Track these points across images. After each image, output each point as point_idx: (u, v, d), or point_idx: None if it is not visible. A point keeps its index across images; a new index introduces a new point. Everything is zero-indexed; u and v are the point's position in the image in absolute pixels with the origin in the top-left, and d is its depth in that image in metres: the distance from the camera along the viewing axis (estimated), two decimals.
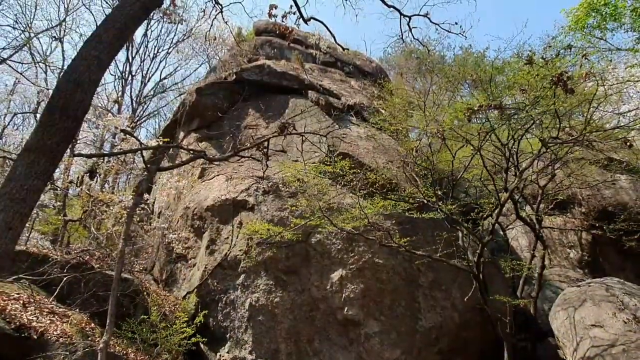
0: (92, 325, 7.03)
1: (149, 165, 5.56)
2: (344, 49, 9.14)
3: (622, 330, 9.36)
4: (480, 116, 9.09)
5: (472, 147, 10.01)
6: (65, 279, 7.44)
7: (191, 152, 6.86)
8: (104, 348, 4.35)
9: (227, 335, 10.17)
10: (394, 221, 10.46)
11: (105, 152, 11.49)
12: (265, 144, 6.40)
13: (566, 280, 13.88)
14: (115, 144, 14.10)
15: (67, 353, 5.29)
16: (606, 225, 13.07)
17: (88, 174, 8.10)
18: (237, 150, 7.10)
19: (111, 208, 10.98)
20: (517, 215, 11.93)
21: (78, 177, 11.02)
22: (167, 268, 12.08)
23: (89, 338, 6.19)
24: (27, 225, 13.76)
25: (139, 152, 7.25)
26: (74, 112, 3.91)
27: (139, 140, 8.04)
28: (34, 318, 5.99)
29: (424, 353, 10.30)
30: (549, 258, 14.87)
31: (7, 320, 5.51)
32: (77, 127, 4.03)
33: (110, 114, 12.88)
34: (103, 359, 4.31)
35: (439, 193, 10.07)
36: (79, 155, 9.19)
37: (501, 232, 14.79)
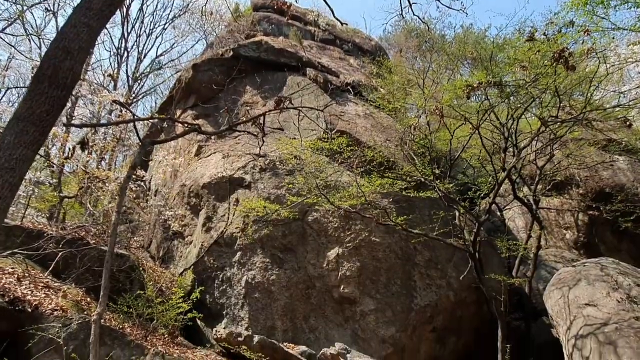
0: (88, 299, 7.03)
1: (142, 139, 5.47)
2: (342, 24, 8.96)
3: (615, 309, 9.42)
4: (479, 94, 8.98)
5: (470, 126, 9.93)
6: (60, 254, 7.42)
7: (185, 125, 6.76)
8: (97, 320, 4.33)
9: (224, 312, 10.22)
10: (391, 199, 10.43)
11: (97, 124, 11.32)
12: (262, 119, 6.31)
13: (561, 260, 13.94)
14: (112, 120, 13.95)
15: (62, 326, 5.27)
16: (603, 206, 13.06)
17: (79, 145, 8.00)
18: (233, 124, 6.98)
19: (107, 185, 10.90)
20: (515, 196, 11.88)
21: (69, 149, 10.91)
22: (163, 245, 12.08)
23: (84, 312, 6.19)
24: (22, 202, 13.70)
25: (133, 126, 7.14)
26: (63, 81, 3.80)
27: (132, 112, 7.90)
28: (29, 292, 5.97)
29: (419, 331, 10.40)
30: (545, 239, 14.93)
31: (1, 293, 5.49)
32: (67, 96, 3.93)
33: (105, 91, 12.70)
34: (96, 331, 4.30)
35: (437, 172, 10.03)
36: (70, 125, 9.06)
37: (498, 213, 14.80)
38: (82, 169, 11.44)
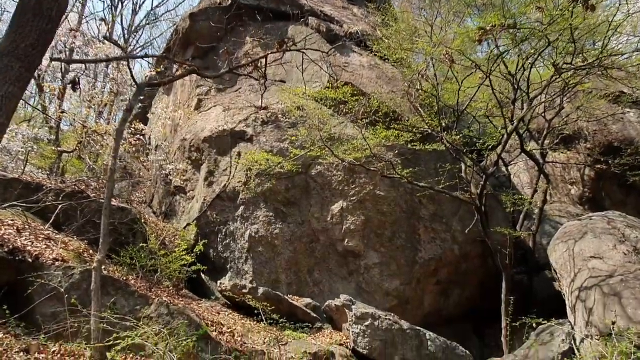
0: (90, 251, 6.94)
1: (138, 83, 5.19)
2: None
3: (621, 261, 9.37)
4: (490, 41, 8.56)
5: (478, 77, 9.56)
6: (60, 206, 7.27)
7: (183, 66, 6.44)
8: (97, 267, 4.21)
9: (228, 266, 10.22)
10: (396, 152, 10.20)
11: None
12: (263, 63, 5.99)
13: (566, 215, 13.85)
14: (108, 73, 13.54)
15: (63, 275, 5.18)
16: (611, 160, 12.84)
17: (70, 85, 7.70)
18: (233, 67, 6.65)
19: (106, 139, 10.66)
20: (522, 149, 11.62)
21: (59, 88, 10.59)
22: (165, 201, 11.97)
23: (87, 263, 6.10)
24: (21, 158, 13.50)
25: (127, 68, 6.82)
26: (47, 12, 3.51)
27: (123, 50, 7.52)
28: (29, 243, 5.86)
29: (423, 284, 10.42)
30: (550, 194, 14.76)
31: (0, 244, 5.37)
32: (53, 30, 3.64)
33: (100, 43, 12.22)
34: (97, 278, 4.18)
35: (444, 123, 9.73)
36: (56, 59, 8.69)
37: (503, 168, 14.60)
38: (81, 124, 11.16)
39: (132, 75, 5.81)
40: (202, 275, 10.21)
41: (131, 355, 4.34)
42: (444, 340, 7.88)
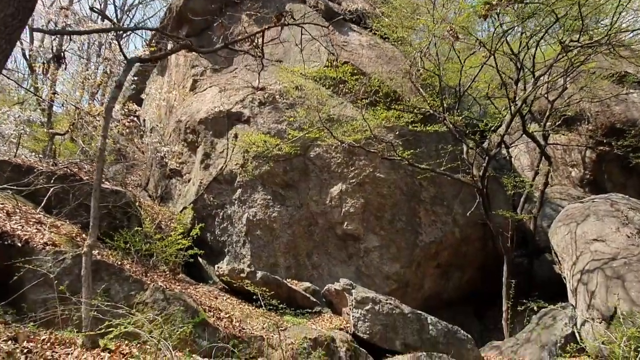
0: (83, 235, 6.75)
1: (129, 58, 4.93)
2: None
3: (624, 244, 9.25)
4: (495, 18, 8.29)
5: (482, 55, 9.30)
6: (52, 189, 7.05)
7: (175, 40, 6.17)
8: (88, 252, 4.01)
9: (225, 250, 10.06)
10: (397, 133, 9.98)
11: (89, 59, 10.61)
12: (260, 40, 5.72)
13: (567, 198, 13.70)
14: (100, 53, 13.18)
15: (54, 260, 4.99)
16: (614, 141, 12.66)
17: (54, 59, 7.42)
18: (228, 42, 6.37)
19: (99, 120, 10.37)
20: (524, 131, 11.42)
21: (44, 63, 10.28)
22: (161, 184, 11.76)
23: (79, 248, 5.91)
24: (14, 140, 13.20)
25: (117, 43, 6.54)
26: None
27: (111, 21, 7.19)
28: (19, 227, 5.66)
29: (423, 267, 10.31)
30: (551, 177, 14.61)
31: None
32: None
33: (92, 22, 11.86)
34: (88, 263, 3.99)
35: (446, 104, 9.49)
36: (38, 30, 8.36)
37: (504, 151, 14.40)
38: (73, 105, 10.87)
39: (121, 50, 5.54)
40: (200, 260, 10.05)
41: (125, 343, 4.18)
42: (445, 324, 7.77)
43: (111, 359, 3.67)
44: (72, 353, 3.62)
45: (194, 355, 4.86)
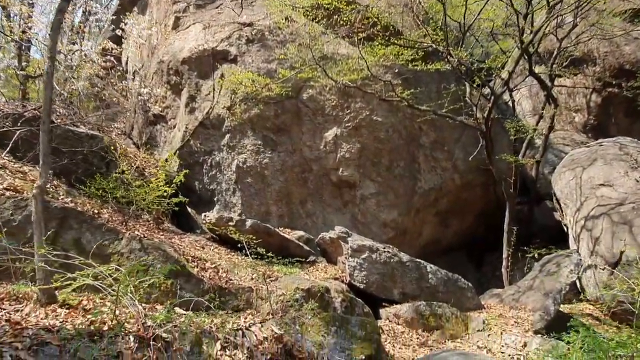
0: (55, 182, 6.21)
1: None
2: None
3: (633, 188, 8.82)
4: None
5: None
6: (18, 132, 6.43)
7: None
8: (37, 194, 3.48)
9: (215, 199, 9.58)
10: (396, 71, 9.27)
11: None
12: None
13: (570, 143, 13.18)
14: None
15: (15, 207, 4.46)
16: (625, 82, 12.01)
17: None
18: None
19: (75, 62, 9.56)
20: (530, 71, 10.74)
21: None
22: (145, 131, 11.09)
23: (49, 195, 5.37)
24: None
25: None
26: None
27: None
28: None
29: (422, 214, 9.91)
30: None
31: None
32: None
33: None
34: (38, 208, 3.47)
35: (450, 38, 8.70)
36: None
37: (506, 96, 13.71)
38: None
39: None
40: (188, 209, 9.58)
41: (88, 297, 3.73)
42: (445, 273, 7.44)
43: (69, 315, 3.23)
44: (22, 310, 3.17)
45: (175, 309, 4.44)
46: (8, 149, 6.20)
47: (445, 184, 9.81)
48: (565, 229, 10.31)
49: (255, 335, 3.74)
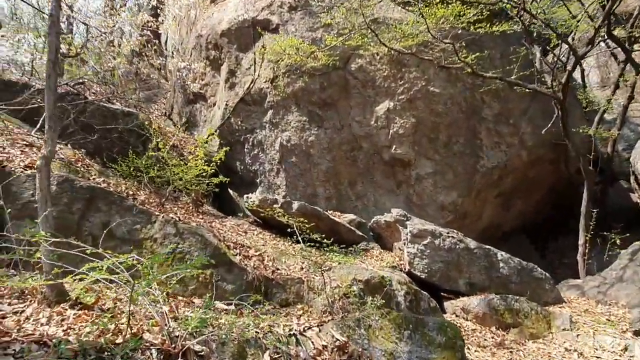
0: (88, 162, 5.72)
1: None
2: None
3: None
4: None
5: None
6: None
7: None
8: (41, 165, 2.91)
9: (258, 180, 9.00)
10: (458, 32, 8.21)
11: None
12: None
13: None
14: None
15: (34, 187, 3.93)
16: None
17: None
18: None
19: (111, 36, 9.13)
20: (608, 34, 9.39)
21: None
22: (185, 110, 10.59)
23: (79, 174, 4.86)
24: (28, 68, 12.20)
25: None
26: None
27: None
28: None
29: (484, 195, 8.94)
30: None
31: None
32: None
33: None
34: (43, 183, 2.91)
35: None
36: None
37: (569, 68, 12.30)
38: (82, 22, 9.59)
39: None
40: (230, 191, 9.04)
41: (102, 292, 3.14)
42: (519, 261, 6.52)
43: (80, 318, 2.62)
44: (23, 310, 2.58)
45: (216, 302, 3.83)
46: (38, 126, 5.73)
47: (511, 161, 8.76)
48: None
49: (313, 342, 3.05)
